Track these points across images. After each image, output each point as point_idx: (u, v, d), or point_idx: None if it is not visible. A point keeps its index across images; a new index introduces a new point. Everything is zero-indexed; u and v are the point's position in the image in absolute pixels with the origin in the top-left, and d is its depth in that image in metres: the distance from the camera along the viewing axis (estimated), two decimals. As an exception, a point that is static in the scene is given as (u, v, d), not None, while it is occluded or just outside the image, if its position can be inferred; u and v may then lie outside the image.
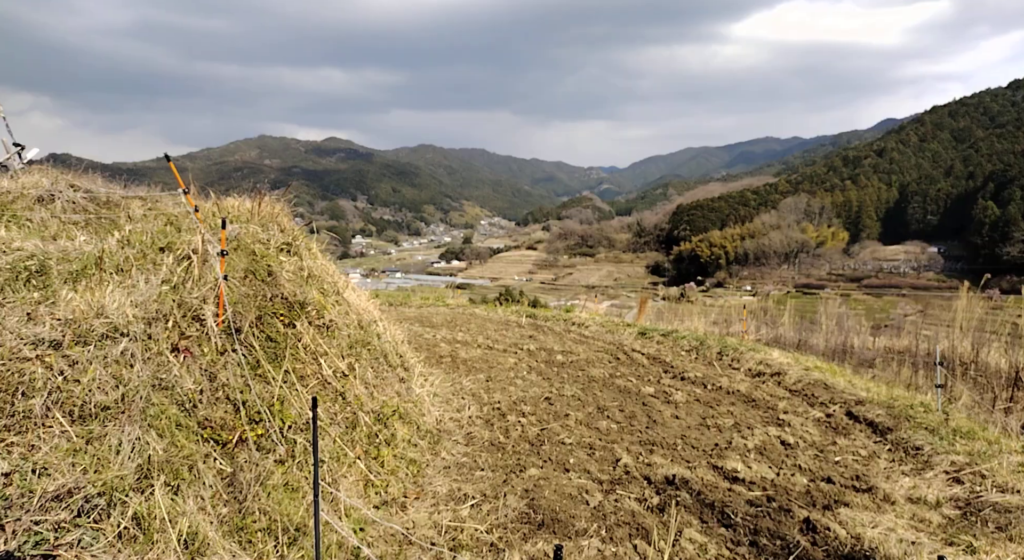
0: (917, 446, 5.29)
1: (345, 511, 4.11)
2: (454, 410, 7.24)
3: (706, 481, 4.69)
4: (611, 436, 6.26)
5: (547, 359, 10.25)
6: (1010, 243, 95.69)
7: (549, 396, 7.75)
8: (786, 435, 5.87)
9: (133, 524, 2.68)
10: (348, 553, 3.63)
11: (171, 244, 5.00)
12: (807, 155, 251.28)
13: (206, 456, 3.58)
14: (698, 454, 5.58)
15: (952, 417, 6.04)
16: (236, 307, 4.86)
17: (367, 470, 4.77)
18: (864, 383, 7.60)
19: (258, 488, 3.60)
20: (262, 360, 4.67)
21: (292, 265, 6.16)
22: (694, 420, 6.73)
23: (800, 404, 7.06)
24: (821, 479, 4.75)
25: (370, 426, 5.28)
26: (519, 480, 5.02)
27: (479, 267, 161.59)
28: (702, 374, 8.71)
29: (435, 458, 5.69)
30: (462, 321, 14.40)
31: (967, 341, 11.55)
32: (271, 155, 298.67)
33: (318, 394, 5.03)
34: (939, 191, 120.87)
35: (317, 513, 2.89)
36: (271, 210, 6.76)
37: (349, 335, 6.13)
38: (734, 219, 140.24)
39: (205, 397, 3.93)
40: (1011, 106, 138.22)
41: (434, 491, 4.90)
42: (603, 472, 5.18)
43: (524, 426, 6.57)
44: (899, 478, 4.77)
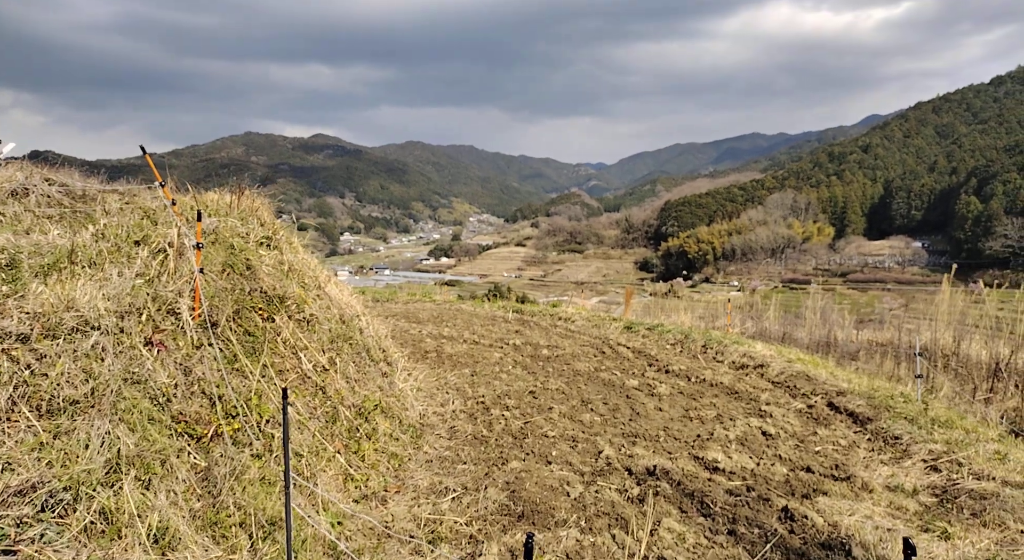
0: (896, 435, 5.33)
1: (323, 505, 4.08)
2: (438, 404, 7.21)
3: (687, 471, 4.69)
4: (594, 429, 6.26)
5: (533, 354, 10.24)
6: (992, 237, 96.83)
7: (533, 390, 7.74)
8: (767, 426, 5.90)
9: (100, 519, 2.64)
10: (325, 547, 3.60)
11: (146, 237, 4.93)
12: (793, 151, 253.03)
13: (180, 450, 3.53)
14: (680, 445, 5.59)
15: (931, 407, 6.09)
16: (213, 301, 4.80)
17: (347, 464, 4.74)
18: (846, 375, 7.65)
19: (233, 482, 3.55)
20: (239, 354, 4.62)
21: (272, 259, 6.10)
22: (677, 412, 6.75)
23: (782, 395, 7.09)
24: (800, 469, 4.77)
25: (351, 420, 5.24)
26: (501, 473, 5.01)
27: (468, 264, 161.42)
28: (686, 367, 8.74)
29: (417, 452, 5.67)
30: (448, 317, 14.36)
31: (949, 333, 11.67)
32: (258, 152, 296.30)
33: (297, 388, 4.99)
34: (923, 186, 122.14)
35: (288, 506, 2.85)
36: (251, 204, 6.70)
37: (330, 329, 6.08)
38: (721, 215, 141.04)
39: (180, 391, 3.88)
40: (993, 102, 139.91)
41: (415, 485, 4.87)
42: (585, 464, 5.18)
43: (508, 420, 6.55)
44: (878, 467, 4.80)
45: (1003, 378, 9.63)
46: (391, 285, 38.69)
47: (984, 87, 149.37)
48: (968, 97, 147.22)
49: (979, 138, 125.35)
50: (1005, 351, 10.37)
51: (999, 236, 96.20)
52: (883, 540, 3.33)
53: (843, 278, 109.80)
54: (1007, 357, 10.05)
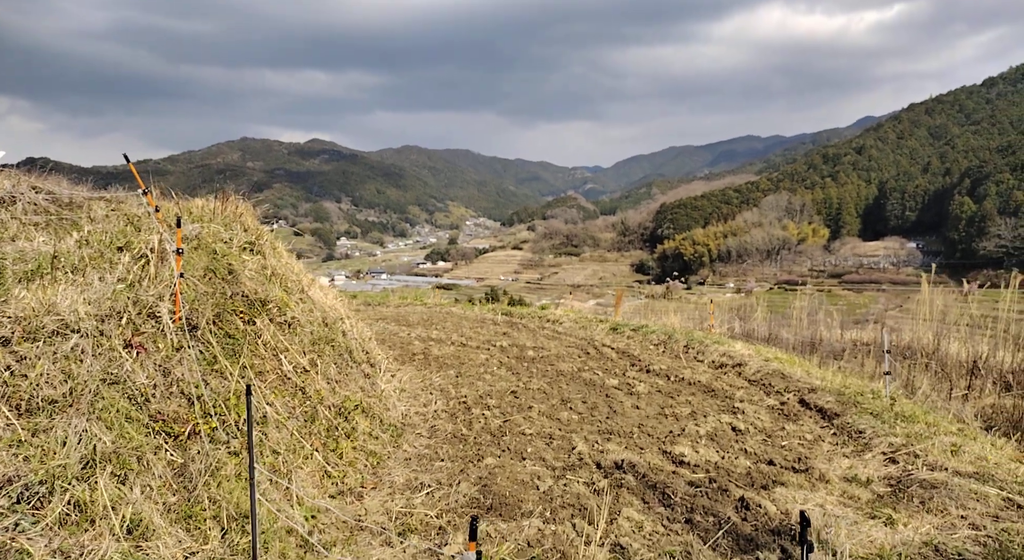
0: (860, 430, 5.50)
1: (298, 500, 4.22)
2: (421, 405, 7.36)
3: (653, 465, 4.85)
4: (571, 426, 6.41)
5: (518, 355, 10.39)
6: (986, 238, 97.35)
7: (515, 390, 7.89)
8: (738, 422, 6.06)
9: (74, 510, 2.78)
10: (298, 539, 3.75)
11: (129, 244, 5.09)
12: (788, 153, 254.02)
13: (157, 448, 3.68)
14: (652, 441, 5.74)
15: (899, 403, 6.26)
16: (194, 304, 4.95)
17: (324, 462, 4.89)
18: (820, 373, 7.82)
19: (208, 478, 3.70)
20: (219, 356, 4.77)
21: (255, 264, 6.25)
22: (653, 410, 6.90)
23: (757, 393, 7.26)
24: (764, 462, 4.93)
25: (330, 420, 5.39)
26: (476, 469, 5.16)
27: (465, 267, 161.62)
28: (667, 366, 8.90)
29: (397, 450, 5.81)
30: (438, 319, 14.51)
31: (929, 333, 11.86)
32: (254, 157, 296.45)
33: (277, 389, 5.14)
34: (917, 187, 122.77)
35: (253, 498, 3.00)
36: (235, 210, 6.84)
37: (312, 332, 6.23)
38: (717, 217, 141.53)
39: (158, 392, 4.02)
40: (986, 104, 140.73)
41: (392, 481, 5.02)
42: (558, 459, 5.33)
43: (488, 418, 6.70)
44: (839, 459, 4.96)
45: (980, 376, 9.81)
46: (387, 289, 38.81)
47: (977, 88, 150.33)
48: (961, 98, 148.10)
49: (972, 139, 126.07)
50: (985, 349, 10.56)
51: (992, 236, 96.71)
52: (828, 525, 3.49)
53: (838, 279, 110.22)
54: (984, 355, 10.24)
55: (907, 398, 9.02)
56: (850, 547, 3.25)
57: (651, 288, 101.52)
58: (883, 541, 3.33)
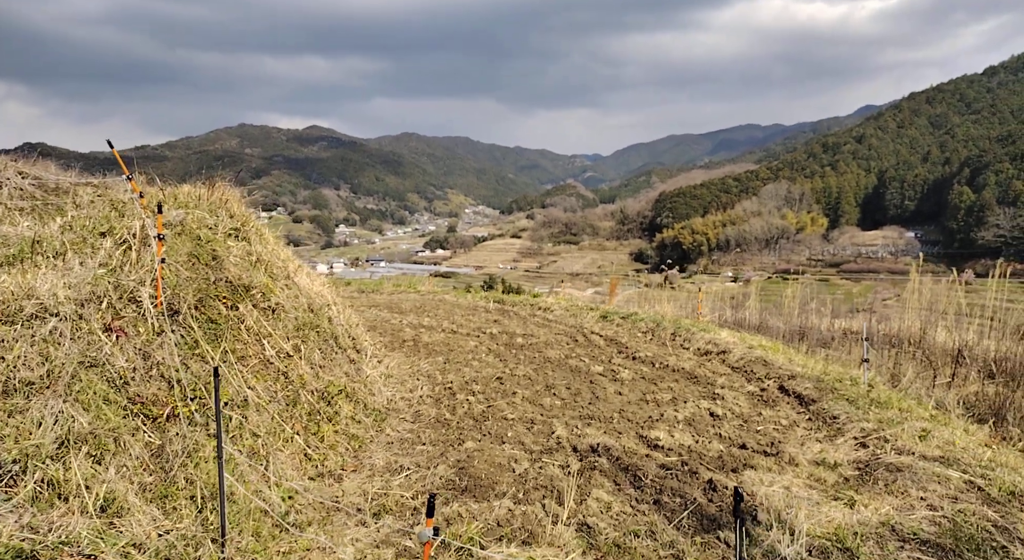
0: (834, 415, 5.59)
1: (277, 481, 4.31)
2: (407, 390, 7.44)
3: (628, 448, 4.94)
4: (553, 412, 6.50)
5: (507, 342, 10.47)
6: (984, 227, 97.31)
7: (501, 376, 7.98)
8: (716, 407, 6.15)
9: (48, 489, 2.86)
10: (274, 519, 3.83)
11: (112, 229, 5.14)
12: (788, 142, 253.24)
13: (135, 429, 3.75)
14: (631, 426, 5.83)
15: (876, 389, 6.35)
16: (176, 290, 5.01)
17: (305, 445, 4.97)
18: (802, 360, 7.91)
19: (186, 459, 3.78)
20: (200, 340, 4.83)
21: (240, 250, 6.30)
22: (635, 396, 6.99)
23: (738, 379, 7.35)
24: (736, 446, 5.02)
25: (312, 404, 5.47)
26: (455, 452, 5.25)
27: (464, 256, 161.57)
28: (653, 354, 8.99)
29: (380, 434, 5.90)
30: (431, 307, 14.58)
31: (917, 321, 11.95)
32: (252, 144, 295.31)
33: (259, 373, 5.21)
34: (916, 177, 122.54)
35: (221, 476, 3.08)
36: (221, 197, 6.88)
37: (297, 318, 6.29)
38: (716, 206, 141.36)
39: (138, 375, 4.09)
40: (986, 92, 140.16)
41: (372, 464, 5.11)
42: (537, 443, 5.42)
43: (471, 404, 6.79)
44: (812, 444, 5.05)
45: (965, 364, 9.91)
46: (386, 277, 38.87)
47: (978, 77, 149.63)
48: (962, 87, 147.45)
49: (972, 128, 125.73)
50: (971, 337, 10.64)
51: (991, 226, 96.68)
52: (790, 506, 3.58)
53: (837, 268, 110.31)
54: (970, 343, 10.33)
55: (892, 386, 9.13)
56: (807, 526, 3.34)
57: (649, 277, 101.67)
58: (841, 521, 3.41)
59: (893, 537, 3.33)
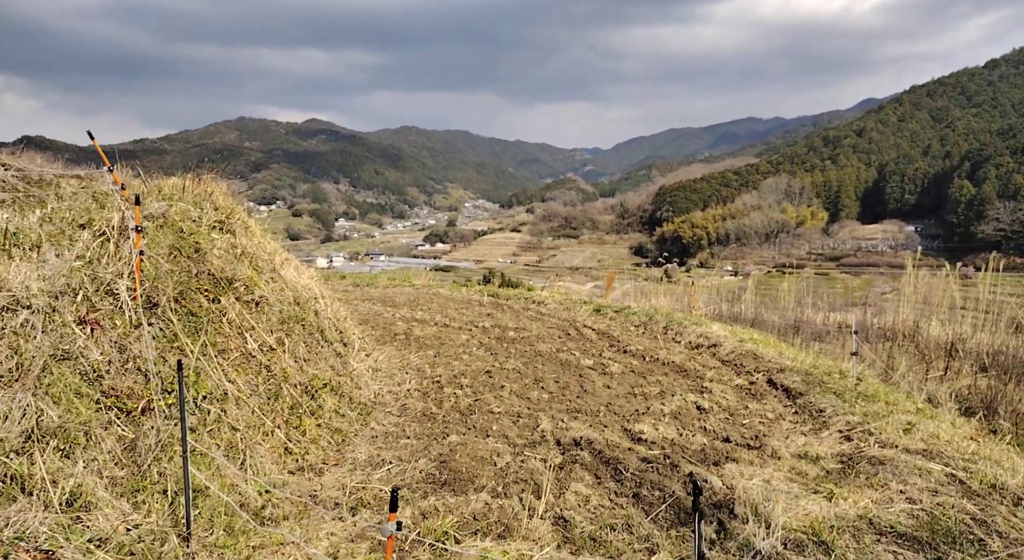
0: (821, 409, 5.56)
1: (254, 475, 4.29)
2: (395, 384, 7.41)
3: (611, 442, 4.91)
4: (540, 405, 6.47)
5: (499, 336, 10.43)
6: (985, 221, 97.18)
7: (490, 370, 7.94)
8: (703, 401, 6.11)
9: (11, 483, 2.82)
10: (249, 513, 3.80)
11: (91, 221, 5.09)
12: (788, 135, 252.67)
13: (108, 423, 3.72)
14: (616, 419, 5.80)
15: (866, 382, 6.32)
16: (156, 282, 4.97)
17: (286, 439, 4.94)
18: (793, 353, 7.87)
19: (160, 453, 3.75)
20: (179, 333, 4.79)
21: (224, 242, 6.25)
22: (624, 389, 6.96)
23: (727, 373, 7.31)
24: (720, 439, 4.99)
25: (295, 397, 5.44)
26: (439, 446, 5.22)
27: (463, 250, 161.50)
28: (644, 347, 8.95)
29: (365, 428, 5.87)
30: (424, 300, 14.54)
31: (912, 314, 11.92)
32: (251, 137, 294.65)
33: (240, 366, 5.17)
34: (917, 170, 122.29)
35: (186, 469, 3.04)
36: (206, 189, 6.83)
37: (281, 311, 6.25)
38: (716, 200, 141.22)
39: (113, 368, 4.06)
40: (987, 85, 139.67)
41: (354, 458, 5.07)
42: (521, 437, 5.39)
43: (459, 397, 6.76)
44: (796, 437, 5.02)
45: (958, 357, 9.88)
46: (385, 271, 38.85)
47: (979, 70, 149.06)
48: (963, 80, 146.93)
49: (973, 122, 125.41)
50: (966, 331, 10.62)
51: (991, 219, 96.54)
52: (768, 499, 3.55)
53: (836, 262, 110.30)
54: (964, 337, 10.30)
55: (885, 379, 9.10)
56: (784, 520, 3.31)
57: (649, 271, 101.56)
58: (818, 514, 3.38)
59: (870, 530, 3.30)
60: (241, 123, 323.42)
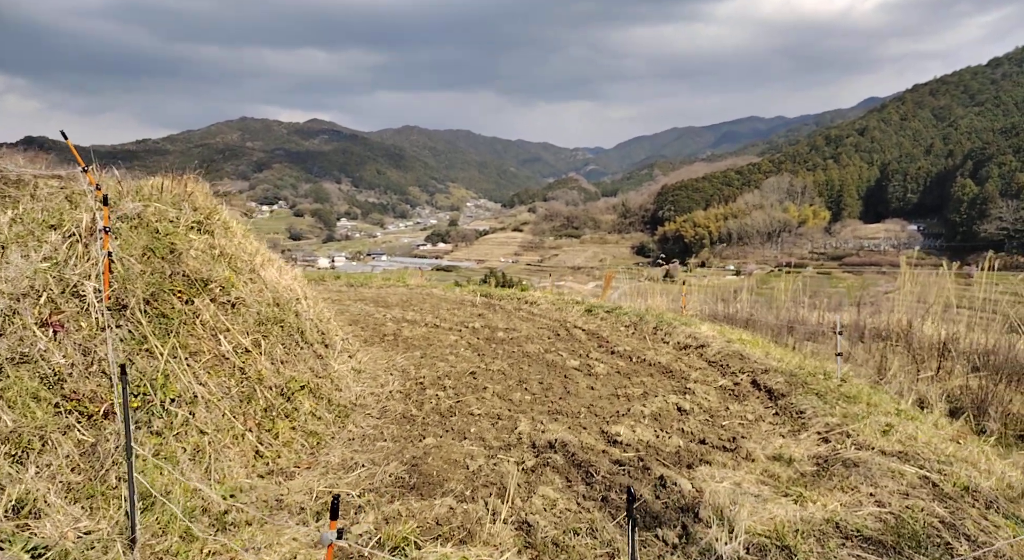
0: (801, 410, 5.49)
1: (221, 479, 4.24)
2: (378, 385, 7.36)
3: (586, 444, 4.85)
4: (522, 407, 6.41)
5: (488, 336, 10.38)
6: (987, 220, 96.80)
7: (475, 371, 7.89)
8: (685, 402, 6.05)
9: (-45, 487, 2.78)
10: (211, 518, 3.75)
11: (62, 222, 5.05)
12: (791, 134, 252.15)
13: (68, 427, 3.68)
14: (596, 421, 5.74)
15: (848, 383, 6.25)
16: (127, 284, 4.93)
17: (257, 442, 4.89)
18: (780, 353, 7.81)
19: (119, 457, 3.70)
20: (149, 335, 4.75)
21: (202, 243, 6.21)
22: (607, 391, 6.90)
23: (712, 373, 7.25)
24: (697, 441, 4.93)
25: (270, 400, 5.39)
26: (414, 448, 5.16)
27: (465, 249, 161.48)
28: (632, 347, 8.89)
29: (342, 431, 5.81)
30: (417, 301, 14.49)
31: (906, 313, 11.84)
32: (253, 137, 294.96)
33: (212, 369, 5.12)
34: (919, 169, 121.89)
35: (131, 474, 2.99)
36: (185, 189, 6.79)
37: (259, 312, 6.20)
38: (718, 199, 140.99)
39: (76, 371, 4.01)
40: (990, 84, 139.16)
41: (328, 461, 5.02)
42: (498, 439, 5.33)
43: (440, 399, 6.71)
44: (775, 439, 4.95)
45: (951, 357, 9.80)
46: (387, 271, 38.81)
47: (982, 69, 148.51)
48: (966, 79, 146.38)
49: (976, 120, 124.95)
50: (960, 330, 10.53)
51: (994, 218, 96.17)
52: (735, 502, 3.49)
53: (839, 261, 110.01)
54: (957, 337, 10.21)
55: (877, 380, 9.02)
56: (748, 524, 3.25)
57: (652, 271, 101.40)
58: (783, 518, 3.32)
59: (836, 534, 3.23)
60: (243, 123, 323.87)
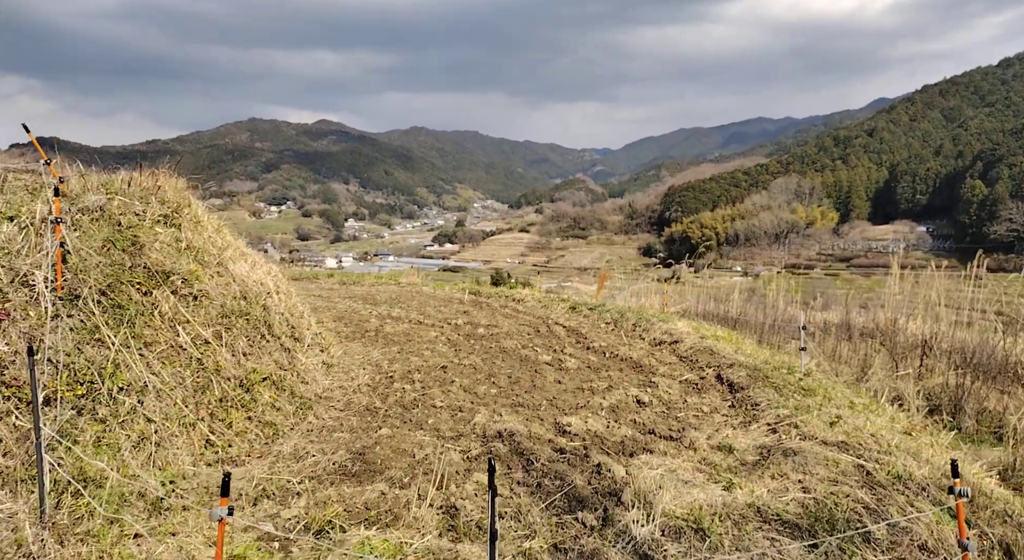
0: (756, 402, 5.49)
1: (164, 466, 4.29)
2: (349, 379, 7.40)
3: (535, 434, 4.87)
4: (486, 400, 6.43)
5: (469, 333, 10.41)
6: (997, 222, 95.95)
7: (447, 365, 7.92)
8: (645, 395, 6.06)
9: None
10: (147, 503, 3.80)
11: (19, 213, 5.12)
12: (799, 135, 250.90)
13: (6, 413, 3.73)
14: (555, 413, 5.75)
15: (812, 377, 6.23)
16: (83, 275, 4.99)
17: (209, 431, 4.93)
18: (751, 349, 7.79)
19: (57, 443, 3.75)
20: (101, 325, 4.80)
21: (169, 236, 6.27)
22: (574, 384, 6.91)
23: (681, 368, 7.25)
24: (646, 431, 4.94)
25: (225, 391, 5.43)
26: (367, 438, 5.20)
27: (472, 250, 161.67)
28: (608, 343, 8.89)
29: (302, 422, 5.85)
30: (406, 298, 14.54)
31: (890, 312, 11.81)
32: (262, 138, 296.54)
33: (168, 359, 5.17)
34: (928, 170, 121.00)
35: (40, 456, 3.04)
36: (155, 183, 6.85)
37: (224, 305, 6.25)
38: (725, 200, 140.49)
39: (19, 358, 4.07)
40: (1001, 85, 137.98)
41: (279, 451, 5.06)
42: (452, 430, 5.36)
43: (406, 392, 6.74)
44: (725, 430, 4.95)
45: (932, 355, 9.77)
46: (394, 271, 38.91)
47: (992, 69, 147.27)
48: (976, 80, 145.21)
49: (986, 121, 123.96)
50: (944, 329, 10.49)
51: (1004, 220, 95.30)
52: (660, 487, 3.50)
53: (847, 263, 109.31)
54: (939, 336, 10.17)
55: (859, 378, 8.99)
56: (669, 508, 3.26)
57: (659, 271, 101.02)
58: (705, 502, 3.33)
59: (756, 518, 3.24)
60: (252, 124, 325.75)
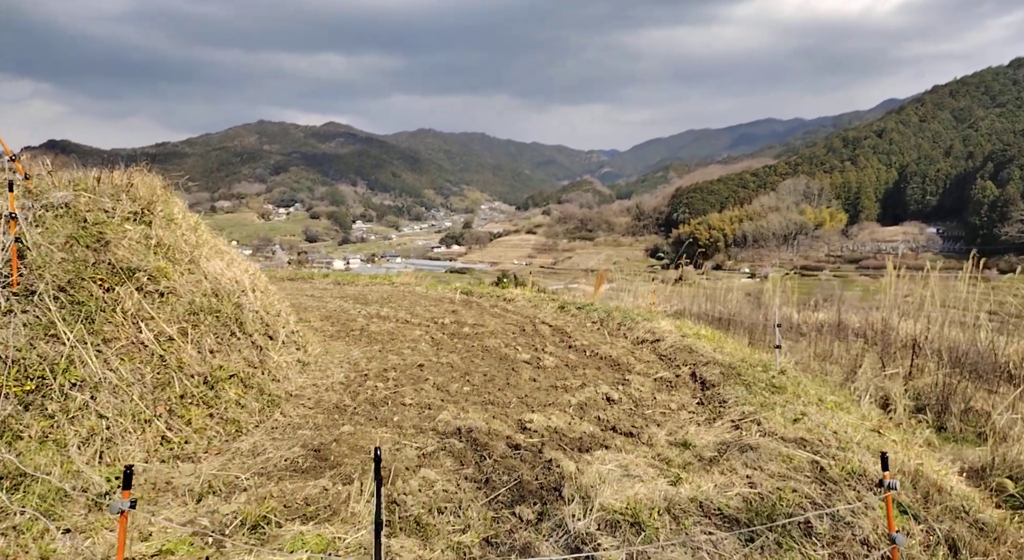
0: (724, 399, 5.40)
1: (112, 462, 4.25)
2: (324, 377, 7.36)
3: (493, 431, 4.80)
4: (456, 397, 6.37)
5: (454, 331, 10.35)
6: (1008, 223, 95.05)
7: (424, 364, 7.86)
8: (617, 392, 5.98)
9: None
10: (89, 499, 3.76)
11: (-21, 210, 5.11)
12: (808, 136, 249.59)
13: (-52, 406, 3.71)
14: (523, 409, 5.68)
15: (785, 375, 6.14)
16: (41, 271, 4.97)
17: (166, 428, 4.90)
18: (731, 347, 7.70)
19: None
20: (57, 321, 4.78)
21: (138, 233, 6.25)
22: (548, 382, 6.84)
23: (658, 366, 7.16)
24: (607, 428, 4.86)
25: (187, 388, 5.40)
26: (328, 435, 5.15)
27: (479, 252, 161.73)
28: (590, 342, 8.82)
29: (268, 420, 5.81)
30: (397, 298, 14.52)
31: (883, 313, 11.71)
32: (271, 140, 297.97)
33: (128, 355, 5.15)
34: (938, 171, 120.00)
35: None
36: (127, 180, 6.84)
37: (192, 302, 6.22)
38: (733, 201, 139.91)
39: (-33, 352, 4.05)
40: (1012, 85, 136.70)
41: (238, 448, 5.01)
42: (415, 428, 5.30)
43: (377, 390, 6.69)
44: (689, 427, 4.87)
45: (923, 355, 9.65)
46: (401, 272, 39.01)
47: (1003, 69, 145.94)
48: (986, 80, 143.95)
49: (996, 122, 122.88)
50: (935, 330, 10.36)
51: (1015, 221, 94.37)
52: (603, 481, 3.44)
53: (856, 264, 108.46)
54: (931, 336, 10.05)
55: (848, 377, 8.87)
56: (609, 502, 3.19)
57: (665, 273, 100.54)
58: (644, 496, 3.26)
59: (697, 512, 3.17)
60: (261, 126, 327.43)
